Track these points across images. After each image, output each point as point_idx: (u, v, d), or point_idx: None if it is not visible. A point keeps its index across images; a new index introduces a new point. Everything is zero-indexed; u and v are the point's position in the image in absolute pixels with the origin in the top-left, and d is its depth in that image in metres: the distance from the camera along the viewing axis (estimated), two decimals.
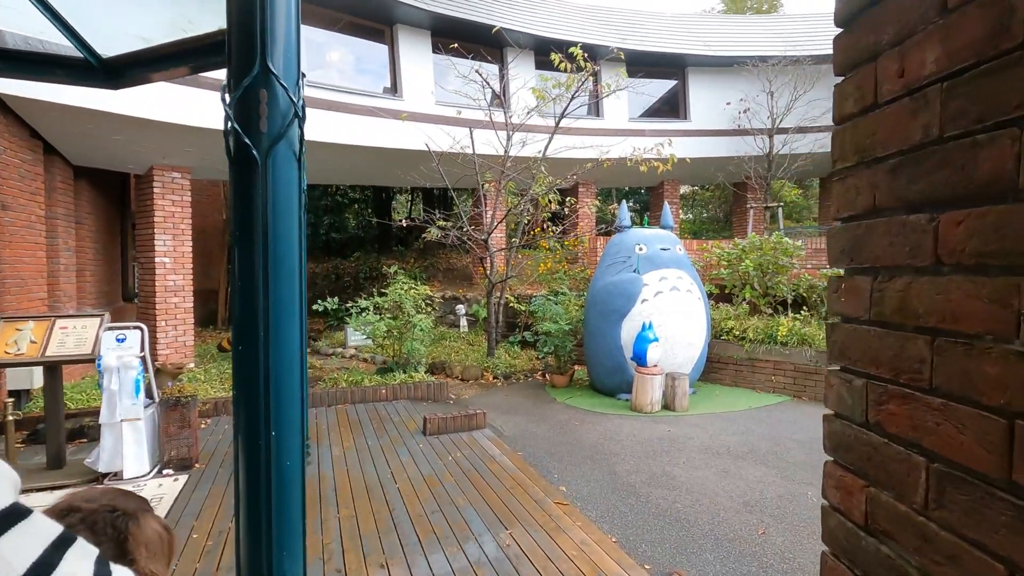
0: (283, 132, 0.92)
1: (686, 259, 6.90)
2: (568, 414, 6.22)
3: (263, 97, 0.81)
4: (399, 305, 6.78)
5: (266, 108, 0.89)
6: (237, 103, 0.81)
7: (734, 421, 5.90)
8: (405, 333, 6.71)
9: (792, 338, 6.96)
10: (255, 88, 0.81)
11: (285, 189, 0.99)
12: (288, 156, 0.98)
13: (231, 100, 0.81)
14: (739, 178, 13.35)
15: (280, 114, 0.92)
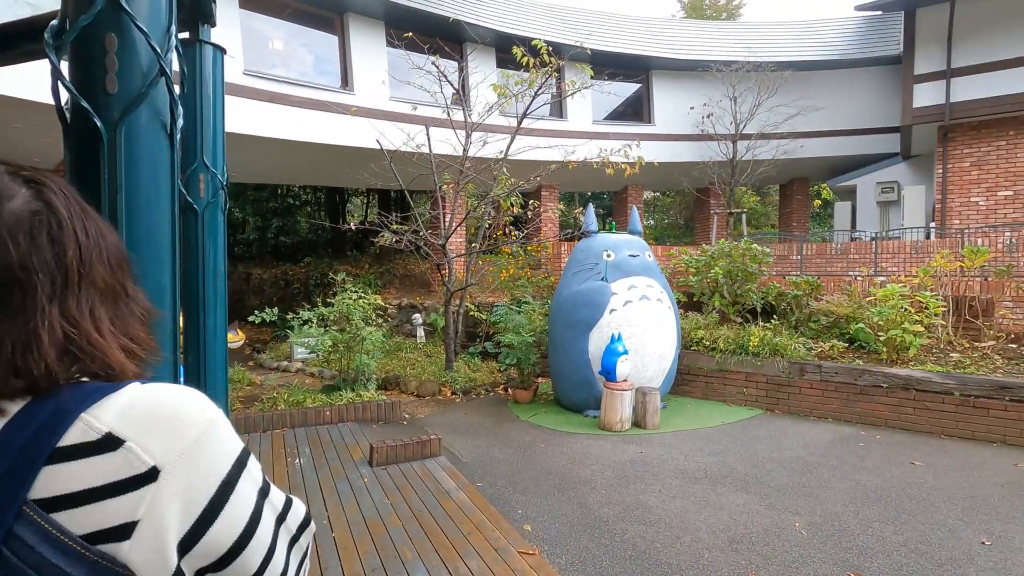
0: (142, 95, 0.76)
1: (655, 266, 6.54)
2: (532, 434, 5.73)
3: (111, 45, 0.68)
4: (347, 316, 6.16)
5: (115, 61, 0.72)
6: (72, 52, 0.66)
7: (709, 439, 5.53)
8: (354, 347, 6.09)
9: (764, 348, 6.68)
10: (98, 31, 0.66)
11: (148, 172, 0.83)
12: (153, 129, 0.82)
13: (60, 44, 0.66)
14: (703, 183, 13.24)
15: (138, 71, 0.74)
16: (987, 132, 9.71)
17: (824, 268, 10.19)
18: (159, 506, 0.49)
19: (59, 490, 0.46)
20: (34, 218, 0.52)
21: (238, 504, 0.54)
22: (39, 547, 0.45)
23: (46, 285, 0.51)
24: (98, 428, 0.48)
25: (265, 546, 0.57)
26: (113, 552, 0.47)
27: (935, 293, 6.21)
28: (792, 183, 15.22)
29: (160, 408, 0.51)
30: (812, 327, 7.08)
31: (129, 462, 0.48)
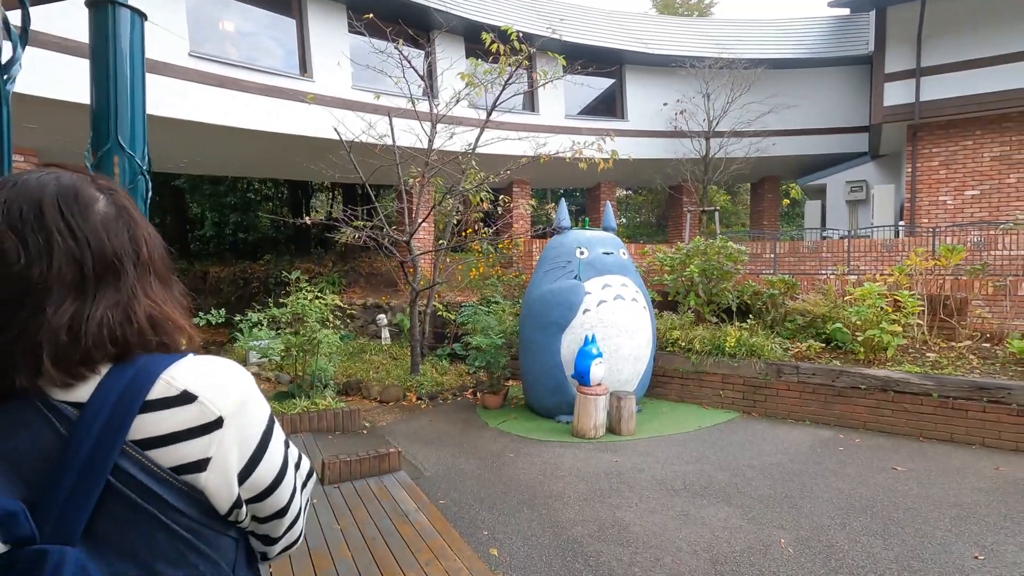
0: None
1: (631, 264, 6.27)
2: (502, 443, 5.39)
3: None
4: (301, 318, 5.71)
5: None
6: None
7: (685, 445, 5.28)
8: (309, 351, 5.64)
9: (740, 349, 6.48)
10: None
11: None
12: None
13: None
14: (676, 181, 13.10)
15: None
16: (955, 132, 9.77)
17: (796, 267, 10.12)
18: (224, 445, 0.65)
19: (150, 433, 0.61)
20: (118, 218, 0.67)
21: (275, 450, 0.71)
22: (139, 476, 0.60)
23: (131, 271, 0.66)
24: (176, 386, 0.63)
25: (291, 486, 0.75)
26: (193, 481, 0.64)
27: (914, 292, 6.10)
28: (763, 182, 15.24)
29: (218, 372, 0.67)
30: (788, 327, 6.92)
31: (202, 412, 0.64)
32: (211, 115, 6.88)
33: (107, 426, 0.58)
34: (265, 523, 0.75)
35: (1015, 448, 5.03)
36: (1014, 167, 9.38)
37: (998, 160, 9.51)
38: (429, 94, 7.32)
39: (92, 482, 0.57)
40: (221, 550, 0.68)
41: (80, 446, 0.57)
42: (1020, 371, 5.46)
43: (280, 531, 0.77)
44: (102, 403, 0.59)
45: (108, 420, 0.59)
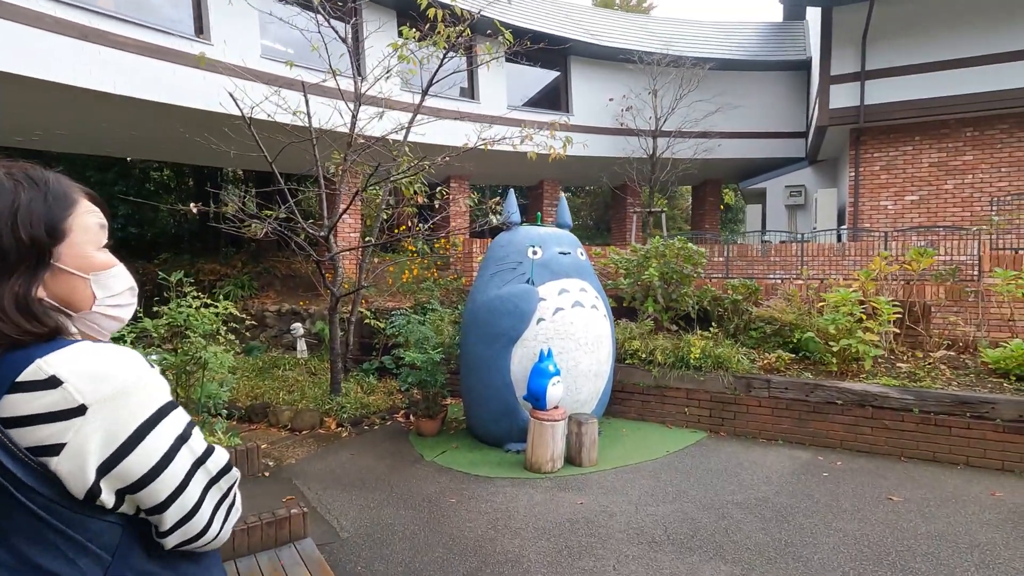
0: None
1: (589, 266, 5.49)
2: (441, 482, 4.41)
3: None
4: (182, 332, 4.49)
5: None
6: None
7: (657, 477, 4.52)
8: (195, 372, 4.43)
9: (706, 361, 5.86)
10: None
11: None
12: None
13: None
14: (621, 180, 12.60)
15: None
16: (896, 137, 9.79)
17: (745, 271, 9.79)
18: (82, 434, 0.67)
19: (13, 412, 0.65)
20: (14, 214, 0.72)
21: (153, 443, 0.71)
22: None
23: None
24: (46, 371, 0.66)
25: (177, 480, 0.73)
26: (46, 463, 0.66)
27: (892, 299, 5.70)
28: (705, 184, 15.10)
29: (96, 361, 0.69)
30: (753, 335, 6.39)
31: (64, 398, 0.66)
32: (67, 74, 5.47)
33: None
34: (150, 515, 0.74)
35: (1001, 467, 4.64)
36: (951, 173, 9.49)
37: (936, 166, 9.59)
38: (353, 65, 6.23)
39: None
40: (89, 533, 0.69)
41: None
42: (997, 382, 5.13)
43: (166, 525, 0.75)
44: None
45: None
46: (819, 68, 10.16)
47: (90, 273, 0.78)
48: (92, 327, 0.80)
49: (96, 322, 0.80)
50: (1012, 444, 4.63)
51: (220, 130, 6.14)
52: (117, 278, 0.82)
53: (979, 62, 8.82)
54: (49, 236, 0.74)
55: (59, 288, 0.75)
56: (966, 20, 8.94)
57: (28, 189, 0.73)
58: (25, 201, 0.72)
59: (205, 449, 0.79)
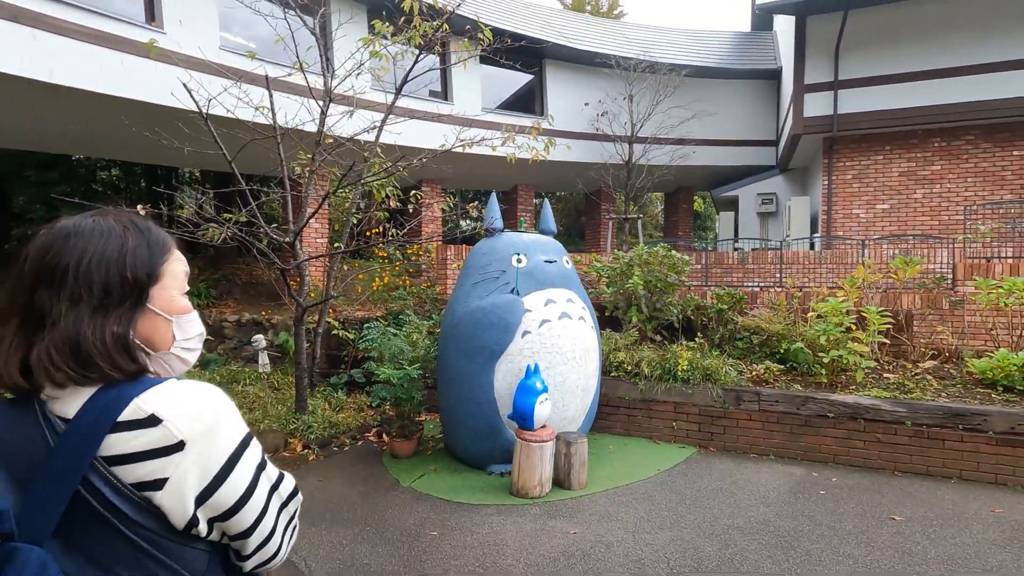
0: None
1: (575, 275, 5.21)
2: (420, 512, 4.04)
3: None
4: None
5: None
6: None
7: (652, 500, 4.25)
8: None
9: (694, 373, 5.65)
10: None
11: None
12: None
13: None
14: (596, 186, 12.44)
15: None
16: (867, 146, 9.91)
17: (722, 278, 9.73)
18: (182, 467, 0.71)
19: (117, 451, 0.69)
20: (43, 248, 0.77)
21: (240, 474, 0.76)
22: (103, 489, 0.68)
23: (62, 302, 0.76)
24: (145, 410, 0.71)
25: (259, 507, 0.79)
26: (150, 497, 0.70)
27: (882, 308, 5.61)
28: (679, 192, 15.11)
29: (190, 398, 0.74)
30: (739, 346, 6.23)
31: (164, 436, 0.70)
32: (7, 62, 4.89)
33: (82, 441, 0.67)
34: (234, 540, 0.80)
35: (995, 481, 4.55)
36: (920, 183, 9.64)
37: (906, 175, 9.73)
38: (323, 59, 5.82)
39: (64, 491, 0.66)
40: (183, 560, 0.74)
41: (59, 457, 0.67)
42: (984, 393, 5.07)
43: (248, 549, 0.81)
44: (82, 420, 0.69)
45: (83, 436, 0.67)
46: (793, 77, 10.22)
47: (174, 316, 0.82)
48: (165, 367, 0.83)
49: (169, 363, 0.83)
50: (1005, 457, 4.55)
51: (173, 125, 5.63)
52: (193, 323, 0.86)
53: (948, 74, 8.99)
54: (148, 278, 0.79)
55: (145, 328, 0.80)
56: (937, 32, 9.12)
57: (134, 235, 0.79)
58: (132, 246, 0.78)
59: (278, 475, 0.85)
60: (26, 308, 0.72)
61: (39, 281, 0.73)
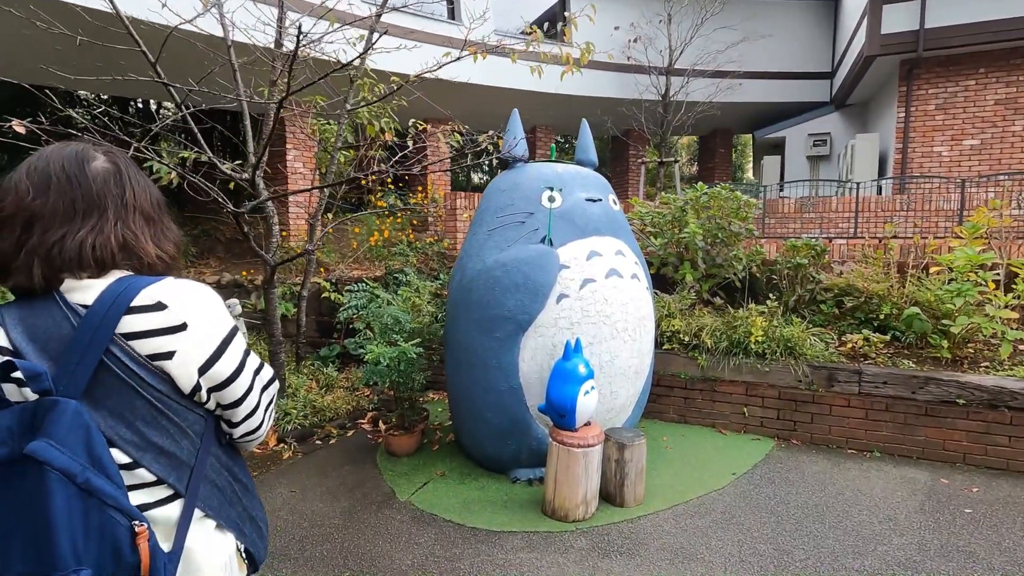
0: None
1: (624, 220, 3.94)
2: (422, 543, 2.94)
3: None
4: None
5: None
6: None
7: (739, 524, 3.11)
8: None
9: (771, 345, 4.43)
10: None
11: None
12: None
13: None
14: (628, 126, 10.94)
15: None
16: (956, 69, 8.29)
17: (774, 229, 8.38)
18: (187, 343, 0.90)
19: (132, 328, 0.86)
20: (108, 171, 0.93)
21: (232, 353, 0.96)
22: (123, 358, 0.85)
23: (113, 210, 0.91)
24: (152, 296, 0.88)
25: (247, 383, 0.99)
26: (163, 366, 0.88)
27: None
28: (715, 134, 13.51)
29: (189, 291, 0.92)
30: (822, 310, 4.97)
31: (171, 317, 0.88)
32: None
33: (103, 321, 0.84)
34: (227, 409, 0.98)
35: None
36: (1021, 112, 8.05)
37: (1003, 104, 8.15)
38: None
39: (90, 358, 0.83)
40: (188, 421, 0.93)
41: (84, 334, 0.83)
42: None
43: (237, 418, 1.00)
44: (100, 305, 0.85)
45: (103, 317, 0.84)
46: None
47: None
48: None
49: None
50: None
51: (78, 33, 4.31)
52: None
53: None
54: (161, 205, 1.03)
55: None
56: None
57: None
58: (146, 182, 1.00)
59: (259, 363, 1.05)
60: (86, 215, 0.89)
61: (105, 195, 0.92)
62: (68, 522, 0.75)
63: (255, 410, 1.02)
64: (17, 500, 0.76)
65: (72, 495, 0.76)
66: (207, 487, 0.95)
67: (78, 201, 0.88)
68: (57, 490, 0.75)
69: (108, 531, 0.78)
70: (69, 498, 0.76)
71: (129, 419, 0.86)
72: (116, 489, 0.81)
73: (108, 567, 0.78)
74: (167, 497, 0.91)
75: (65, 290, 0.87)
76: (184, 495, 0.92)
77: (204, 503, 0.95)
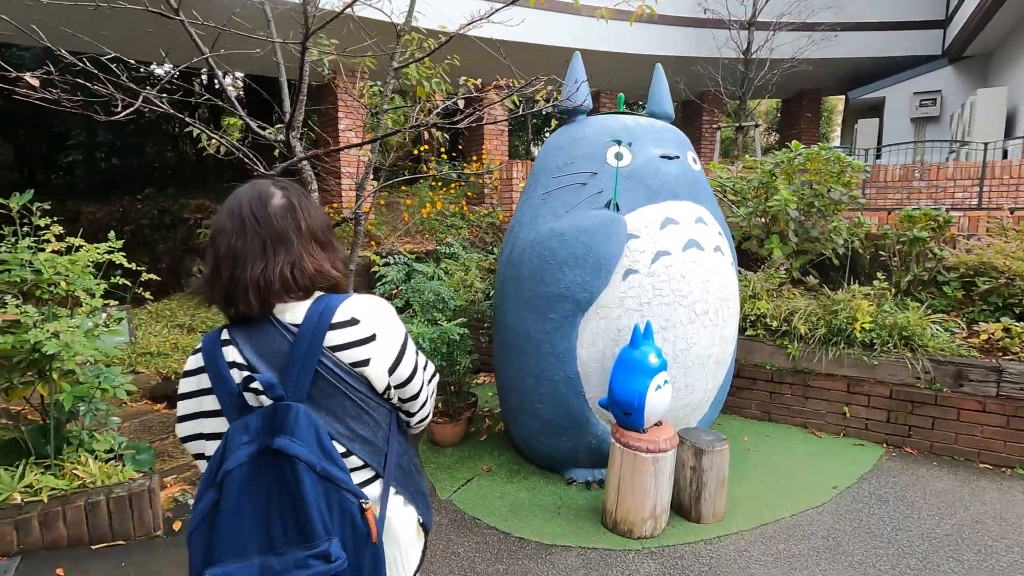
0: None
1: (706, 182, 3.32)
2: (461, 554, 2.55)
3: None
4: (32, 290, 2.66)
5: None
6: None
7: (848, 555, 2.52)
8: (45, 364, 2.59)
9: (881, 334, 3.71)
10: None
11: None
12: None
13: None
14: (702, 88, 10.01)
15: None
16: None
17: (875, 201, 7.34)
18: (378, 351, 1.04)
19: (335, 342, 1.00)
20: (284, 207, 1.03)
21: (409, 355, 1.10)
22: (332, 367, 1.00)
23: (297, 241, 1.03)
24: (347, 313, 1.02)
25: (420, 381, 1.14)
26: (362, 371, 1.03)
27: None
28: (801, 96, 12.19)
29: (371, 305, 1.06)
30: (946, 293, 4.14)
31: (364, 330, 1.03)
32: None
33: (312, 337, 0.98)
34: (406, 403, 1.14)
35: None
36: None
37: None
38: None
39: (308, 368, 0.97)
40: (380, 415, 1.09)
41: (300, 348, 0.98)
42: None
43: (415, 408, 1.16)
44: (308, 324, 0.99)
45: (312, 333, 0.99)
46: None
47: None
48: None
49: None
50: None
51: None
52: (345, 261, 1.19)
53: None
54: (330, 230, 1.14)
55: None
56: None
57: None
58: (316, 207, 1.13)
59: (425, 360, 1.18)
60: (276, 248, 1.01)
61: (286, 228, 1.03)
62: (316, 502, 0.91)
63: (426, 401, 1.18)
64: (269, 486, 0.92)
65: (315, 480, 0.92)
66: (396, 468, 1.10)
67: (266, 238, 1.00)
68: (305, 478, 0.91)
69: (346, 508, 0.94)
70: (314, 483, 0.92)
71: (341, 416, 1.01)
72: (344, 475, 0.96)
73: (348, 536, 0.94)
74: (370, 478, 1.07)
75: (278, 312, 1.02)
76: (382, 475, 1.07)
77: (396, 481, 1.10)
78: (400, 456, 1.12)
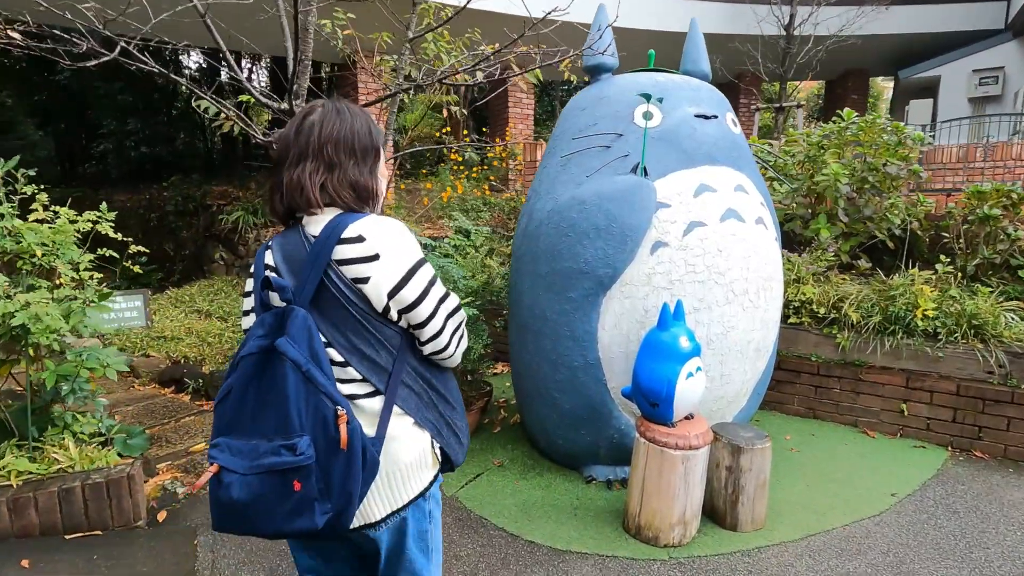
0: None
1: (746, 145, 2.95)
2: (464, 556, 2.28)
3: None
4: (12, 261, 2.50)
5: None
6: None
7: (905, 571, 2.16)
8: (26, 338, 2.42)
9: (946, 322, 3.28)
10: None
11: None
12: None
13: None
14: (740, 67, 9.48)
15: None
16: None
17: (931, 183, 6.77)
18: (379, 271, 1.05)
19: (341, 256, 1.05)
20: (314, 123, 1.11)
21: (417, 281, 1.09)
22: (336, 279, 1.05)
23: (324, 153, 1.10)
24: (356, 231, 1.06)
25: (431, 308, 1.12)
26: (361, 287, 1.06)
27: None
28: (846, 76, 11.48)
29: (383, 226, 1.08)
30: (1021, 277, 3.67)
31: (368, 248, 1.05)
32: None
33: (323, 249, 1.04)
34: (415, 329, 1.13)
35: None
36: None
37: None
38: None
39: (314, 277, 1.04)
40: (385, 335, 1.10)
41: (311, 257, 1.05)
42: None
43: (424, 337, 1.14)
44: (323, 236, 1.06)
45: (323, 245, 1.05)
46: None
47: (381, 177, 1.20)
48: None
49: None
50: None
51: None
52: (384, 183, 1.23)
53: None
54: (381, 147, 1.18)
55: None
56: None
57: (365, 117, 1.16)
58: (372, 122, 1.16)
59: (444, 292, 1.17)
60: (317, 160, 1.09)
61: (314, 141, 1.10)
62: (296, 400, 0.99)
63: (440, 332, 1.16)
64: (269, 381, 1.01)
65: (299, 380, 0.99)
66: (404, 391, 1.13)
67: (298, 149, 1.10)
68: (290, 375, 0.99)
69: (320, 410, 1.00)
70: (297, 382, 0.99)
71: (341, 327, 1.07)
72: (327, 380, 1.02)
73: (320, 438, 1.00)
74: (370, 392, 1.11)
75: (305, 223, 1.11)
76: (384, 393, 1.11)
77: (402, 402, 1.13)
78: (411, 380, 1.14)
